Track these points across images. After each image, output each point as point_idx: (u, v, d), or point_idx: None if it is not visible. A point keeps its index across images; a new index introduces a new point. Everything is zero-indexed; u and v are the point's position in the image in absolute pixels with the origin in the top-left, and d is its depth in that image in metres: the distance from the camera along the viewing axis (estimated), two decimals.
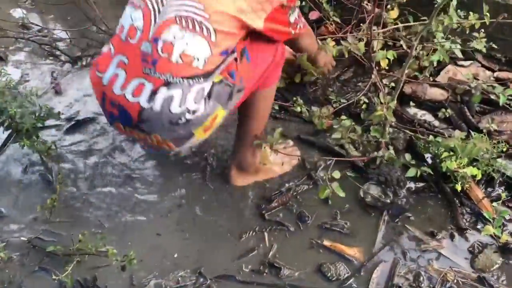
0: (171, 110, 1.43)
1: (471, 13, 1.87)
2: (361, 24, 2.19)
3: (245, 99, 1.67)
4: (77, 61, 2.52)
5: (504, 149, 1.83)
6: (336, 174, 1.68)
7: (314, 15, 2.30)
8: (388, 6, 2.21)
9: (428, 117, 2.17)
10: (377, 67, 2.13)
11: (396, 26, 2.23)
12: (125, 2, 1.56)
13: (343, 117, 2.00)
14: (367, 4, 2.21)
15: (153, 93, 1.43)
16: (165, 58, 1.42)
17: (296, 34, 1.69)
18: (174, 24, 1.42)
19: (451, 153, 1.78)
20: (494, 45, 2.24)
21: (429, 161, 2.00)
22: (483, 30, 1.94)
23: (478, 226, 1.81)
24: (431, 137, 1.96)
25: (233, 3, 1.44)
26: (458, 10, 1.84)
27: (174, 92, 1.43)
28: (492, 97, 2.11)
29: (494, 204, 1.81)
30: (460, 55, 2.14)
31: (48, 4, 2.80)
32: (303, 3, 2.34)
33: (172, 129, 1.47)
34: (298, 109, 2.16)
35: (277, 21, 1.57)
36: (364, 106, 2.11)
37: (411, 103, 2.19)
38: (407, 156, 1.87)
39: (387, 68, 2.20)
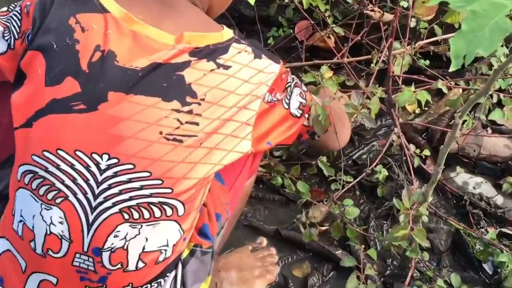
0: None
1: None
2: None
3: None
4: None
5: None
6: None
7: (301, 27, 1.48)
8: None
9: (486, 188, 1.37)
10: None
11: (430, 40, 1.47)
12: None
13: (348, 201, 1.24)
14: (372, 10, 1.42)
15: None
16: (118, 271, 0.89)
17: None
18: (121, 223, 0.87)
19: None
20: None
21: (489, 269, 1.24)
22: None
23: None
24: (491, 234, 1.20)
25: (206, 157, 0.87)
26: None
27: None
28: None
29: None
30: None
31: None
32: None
33: None
34: (279, 181, 1.42)
35: (272, 122, 0.94)
36: (382, 176, 1.34)
37: (458, 168, 1.39)
38: (455, 280, 1.11)
39: (416, 112, 1.42)
